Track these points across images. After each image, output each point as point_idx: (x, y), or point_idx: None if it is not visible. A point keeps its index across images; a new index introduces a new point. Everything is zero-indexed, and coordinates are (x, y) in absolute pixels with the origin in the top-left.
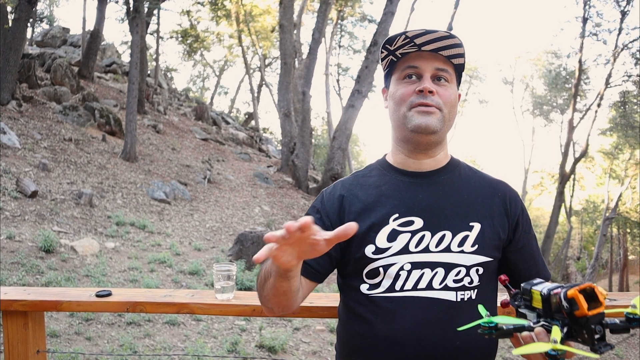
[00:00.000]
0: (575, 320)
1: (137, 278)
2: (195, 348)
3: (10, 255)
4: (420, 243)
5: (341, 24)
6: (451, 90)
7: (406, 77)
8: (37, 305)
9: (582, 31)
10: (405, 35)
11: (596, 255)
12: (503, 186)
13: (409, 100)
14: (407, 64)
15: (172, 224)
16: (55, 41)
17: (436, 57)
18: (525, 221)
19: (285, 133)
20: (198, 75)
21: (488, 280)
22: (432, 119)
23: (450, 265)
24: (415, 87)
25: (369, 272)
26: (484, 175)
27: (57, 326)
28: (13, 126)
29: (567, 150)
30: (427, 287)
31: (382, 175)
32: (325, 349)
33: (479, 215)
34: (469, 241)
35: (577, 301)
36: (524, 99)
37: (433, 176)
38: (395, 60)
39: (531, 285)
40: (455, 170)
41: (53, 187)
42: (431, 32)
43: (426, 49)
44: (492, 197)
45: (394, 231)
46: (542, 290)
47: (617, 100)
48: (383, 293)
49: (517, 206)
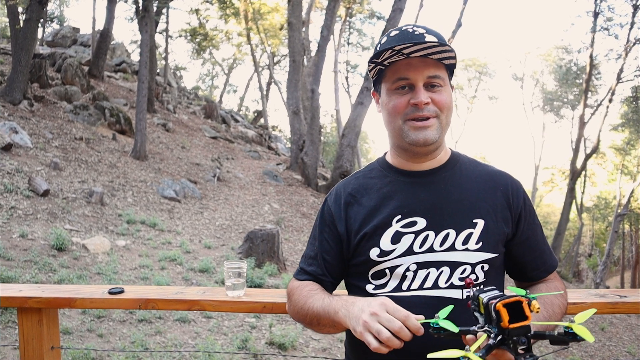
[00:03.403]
0: (502, 331)
1: (148, 276)
2: (206, 345)
3: (23, 253)
4: (425, 243)
5: (350, 21)
6: (446, 92)
7: (398, 88)
8: (51, 302)
9: (593, 26)
10: (393, 49)
11: (608, 252)
12: (505, 178)
13: (403, 113)
14: (397, 75)
15: (182, 222)
16: (65, 41)
17: (426, 62)
18: (529, 212)
19: (294, 131)
20: (207, 73)
21: (494, 275)
22: (430, 132)
23: (456, 263)
24: (409, 98)
25: (375, 273)
26: (485, 167)
27: (70, 323)
28: (25, 126)
29: (578, 146)
30: (433, 286)
31: (382, 176)
32: (335, 346)
33: (482, 211)
34: (473, 238)
35: (501, 314)
36: (534, 95)
37: (434, 174)
38: (383, 68)
39: (480, 292)
40: (456, 167)
41: (64, 185)
42: (419, 43)
43: (415, 55)
44: (494, 191)
45: (397, 233)
46: (485, 298)
47: (629, 95)
48: (389, 293)
49: (519, 198)
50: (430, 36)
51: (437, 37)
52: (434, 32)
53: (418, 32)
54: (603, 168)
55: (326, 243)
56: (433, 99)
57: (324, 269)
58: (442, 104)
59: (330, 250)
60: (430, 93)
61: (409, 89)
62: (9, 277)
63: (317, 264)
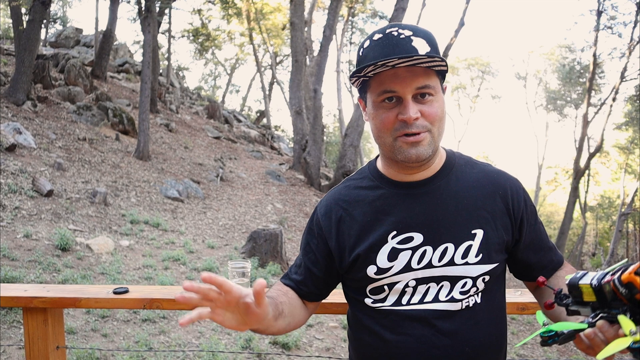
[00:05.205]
0: (638, 304)
1: (152, 276)
2: (210, 344)
3: (27, 253)
4: (423, 259)
5: (352, 20)
6: (437, 103)
7: (384, 100)
8: (56, 302)
9: (597, 24)
10: (375, 65)
11: (612, 251)
12: (503, 180)
13: (392, 129)
14: (382, 88)
15: (185, 222)
16: (68, 42)
17: (414, 72)
18: (531, 214)
19: (297, 131)
20: (209, 73)
21: (495, 282)
22: (422, 148)
23: (456, 278)
24: (397, 112)
25: (373, 289)
26: (483, 168)
27: (74, 323)
28: (28, 126)
29: (581, 145)
30: (434, 300)
31: (375, 187)
32: (338, 345)
33: (481, 220)
34: (473, 251)
35: (636, 284)
36: (538, 94)
37: (428, 184)
38: (367, 79)
39: (577, 280)
40: (451, 173)
41: (68, 186)
42: (404, 58)
43: (401, 66)
44: (493, 197)
45: (393, 250)
46: (592, 282)
47: (633, 94)
48: (389, 307)
49: (519, 202)
50: (418, 39)
51: (426, 38)
52: (422, 32)
53: (404, 36)
54: (607, 167)
55: (312, 254)
56: (423, 113)
57: (307, 279)
58: (433, 116)
59: (317, 263)
60: (420, 105)
61: (397, 101)
62: (13, 277)
63: (300, 272)
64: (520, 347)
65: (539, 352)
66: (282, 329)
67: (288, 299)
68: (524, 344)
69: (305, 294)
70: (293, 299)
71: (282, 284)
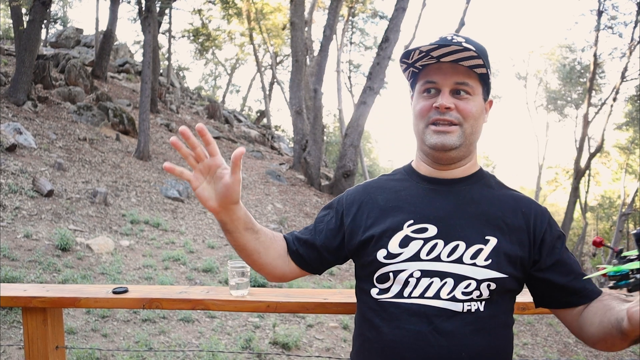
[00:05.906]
0: None
1: (152, 275)
2: (210, 344)
3: (27, 253)
4: (432, 251)
5: (352, 20)
6: (473, 102)
7: (425, 92)
8: (55, 302)
9: (597, 24)
10: (420, 50)
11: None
12: (529, 203)
13: (427, 116)
14: (426, 78)
15: (185, 222)
16: (69, 42)
17: (456, 68)
18: (555, 238)
19: (297, 131)
20: (210, 73)
21: (502, 296)
22: (449, 137)
23: (460, 277)
24: (433, 102)
25: (379, 276)
26: (510, 191)
27: (74, 323)
28: (29, 126)
29: (582, 145)
30: (435, 296)
31: (404, 180)
32: (338, 345)
33: (496, 229)
34: (483, 255)
35: None
36: (538, 94)
37: (454, 184)
38: (416, 72)
39: None
40: (480, 182)
41: (68, 186)
42: (445, 46)
43: (445, 60)
44: (515, 212)
45: (406, 237)
46: None
47: (634, 94)
48: (391, 298)
49: (543, 222)
50: (468, 45)
51: (477, 47)
52: (474, 42)
53: (455, 40)
54: (607, 167)
55: (320, 224)
56: (457, 106)
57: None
58: (467, 112)
59: (320, 233)
60: (456, 100)
61: (436, 93)
62: (13, 277)
63: (302, 232)
64: (521, 346)
65: (539, 352)
66: (250, 249)
67: (273, 237)
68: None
69: (293, 251)
70: (278, 242)
71: (280, 234)
